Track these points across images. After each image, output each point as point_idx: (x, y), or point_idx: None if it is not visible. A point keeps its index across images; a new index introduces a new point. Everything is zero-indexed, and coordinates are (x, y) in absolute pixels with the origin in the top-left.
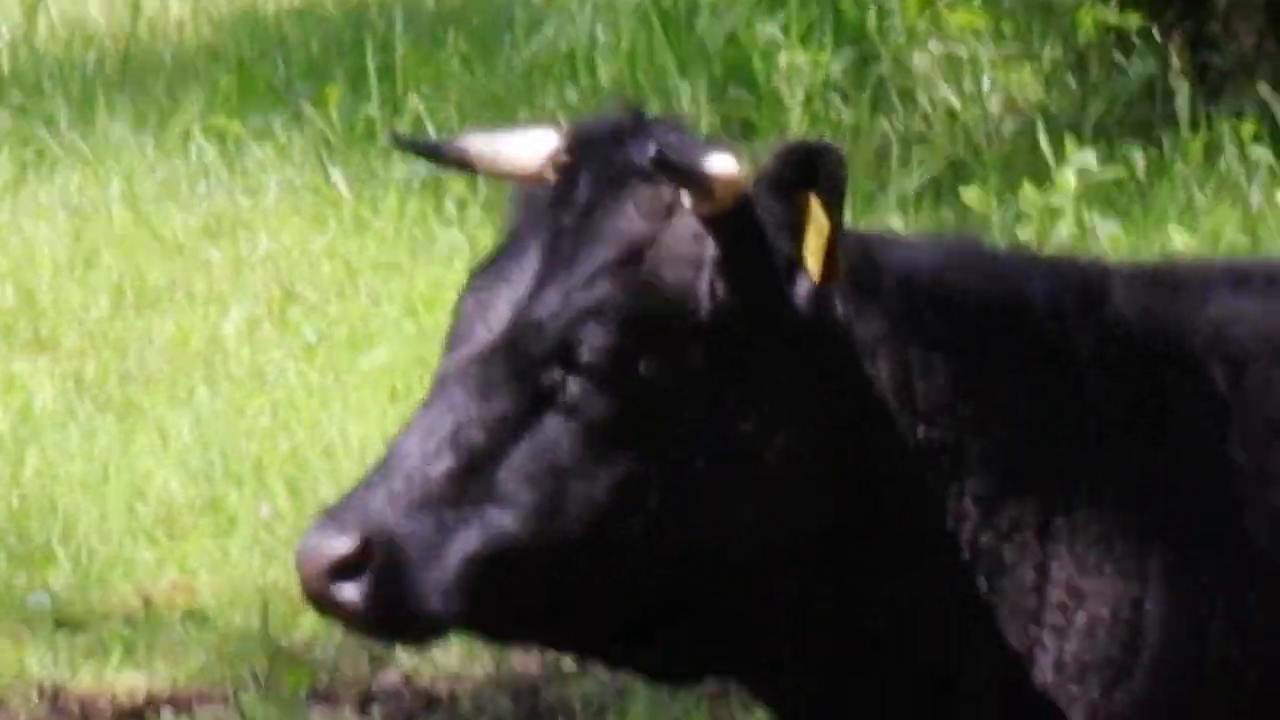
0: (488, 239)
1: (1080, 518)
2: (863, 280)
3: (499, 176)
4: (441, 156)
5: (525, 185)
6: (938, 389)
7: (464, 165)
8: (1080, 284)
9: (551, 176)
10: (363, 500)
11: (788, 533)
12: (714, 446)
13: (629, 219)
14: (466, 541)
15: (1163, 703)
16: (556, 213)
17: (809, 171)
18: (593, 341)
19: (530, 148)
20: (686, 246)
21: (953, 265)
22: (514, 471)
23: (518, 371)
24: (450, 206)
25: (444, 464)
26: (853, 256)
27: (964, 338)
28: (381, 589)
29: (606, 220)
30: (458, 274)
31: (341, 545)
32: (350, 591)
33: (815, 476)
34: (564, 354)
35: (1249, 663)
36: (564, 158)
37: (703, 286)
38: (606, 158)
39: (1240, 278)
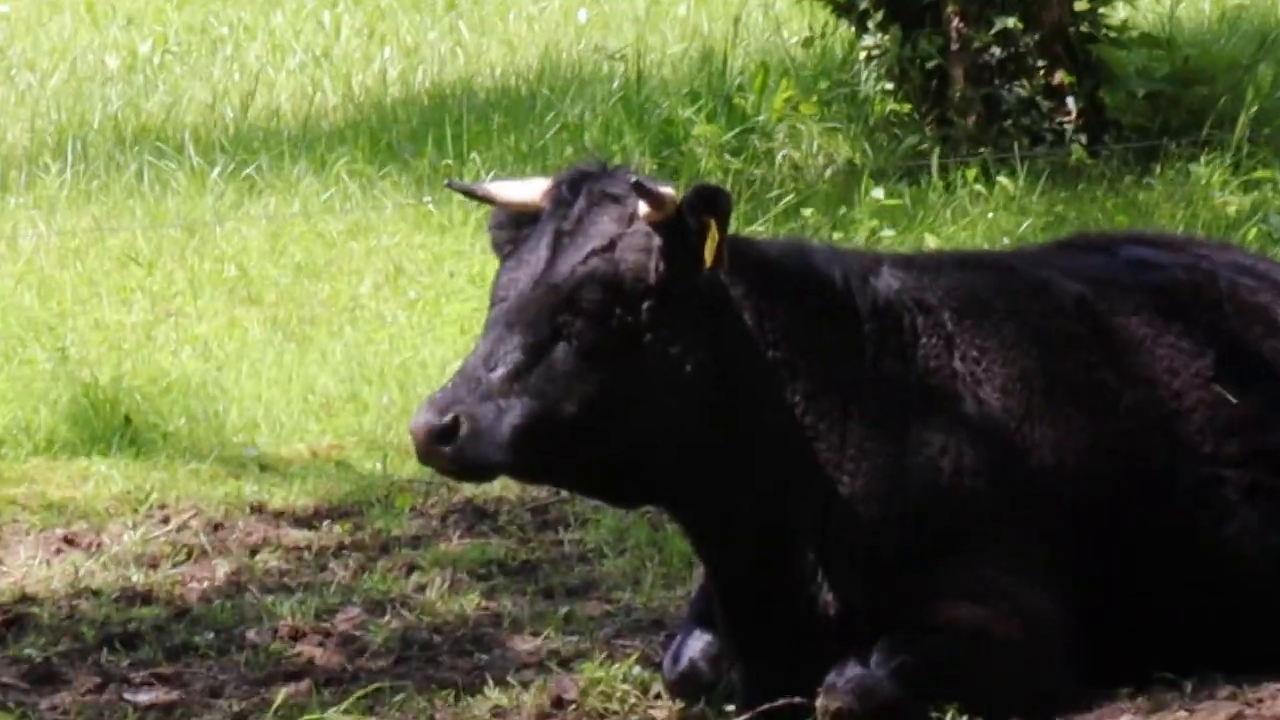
0: None
1: (865, 405)
2: (734, 264)
3: (507, 206)
4: (473, 196)
5: (520, 213)
6: (777, 327)
7: (489, 200)
8: (862, 265)
9: (546, 204)
10: (450, 394)
11: (696, 416)
12: (654, 363)
13: (606, 224)
14: (513, 418)
15: (918, 515)
16: (556, 223)
17: (710, 203)
18: (589, 296)
19: (529, 189)
20: (641, 241)
21: (786, 255)
22: (540, 376)
23: (542, 315)
24: None
25: (499, 371)
26: (730, 251)
27: (792, 297)
28: (465, 448)
29: (592, 225)
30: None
31: (441, 421)
32: (446, 449)
33: (712, 380)
34: (571, 305)
35: (968, 491)
36: (556, 193)
37: (652, 264)
38: (590, 190)
39: (963, 261)
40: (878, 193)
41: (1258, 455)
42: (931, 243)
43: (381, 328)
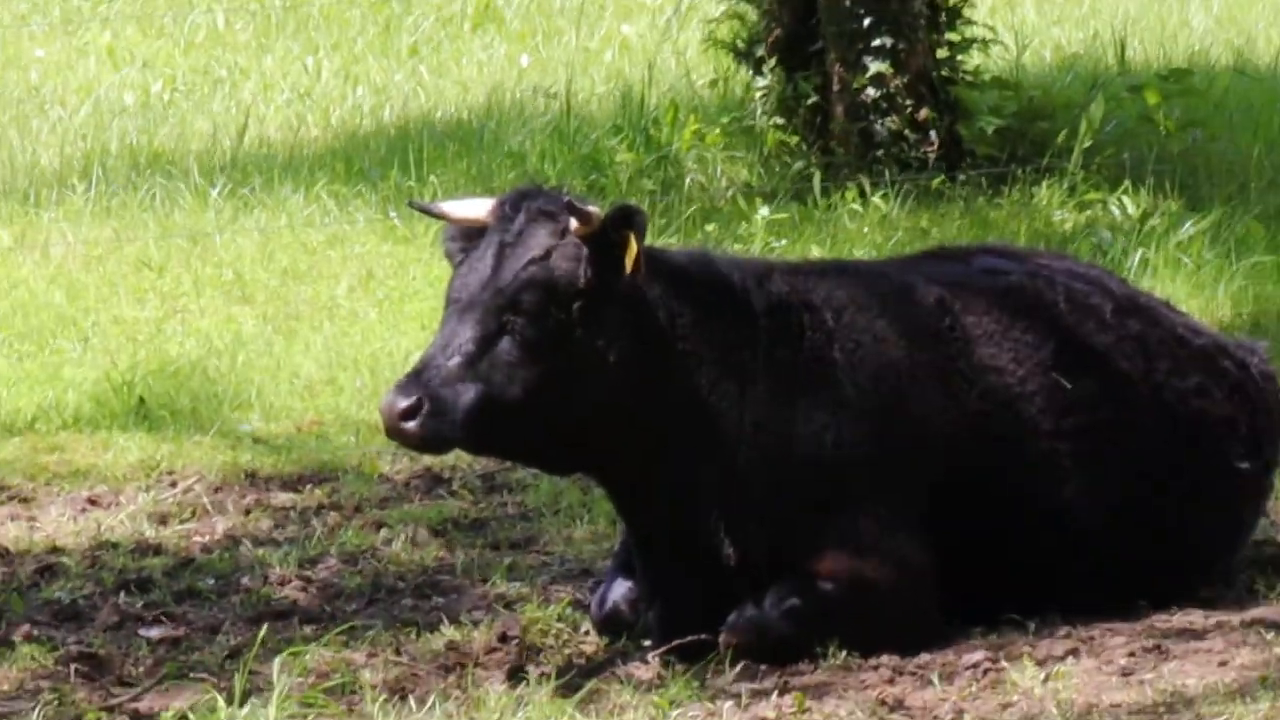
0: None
1: (760, 387)
2: (649, 270)
3: (459, 222)
4: (430, 213)
5: (470, 227)
6: (686, 323)
7: (444, 217)
8: (757, 271)
9: (492, 220)
10: (413, 379)
11: (618, 400)
12: (582, 353)
13: (542, 237)
14: (466, 400)
15: (805, 480)
16: (500, 236)
17: (629, 220)
18: (528, 298)
19: (478, 207)
20: (572, 251)
21: (693, 263)
22: (488, 365)
23: (489, 314)
24: None
25: (454, 361)
26: (646, 260)
27: (698, 298)
28: (425, 425)
29: (531, 238)
30: (450, 268)
31: (405, 402)
32: (410, 426)
33: (631, 370)
34: (514, 305)
35: (846, 460)
36: (500, 210)
37: (581, 271)
38: (527, 208)
39: (842, 269)
40: (764, 210)
41: (1089, 430)
42: (816, 253)
43: (355, 323)
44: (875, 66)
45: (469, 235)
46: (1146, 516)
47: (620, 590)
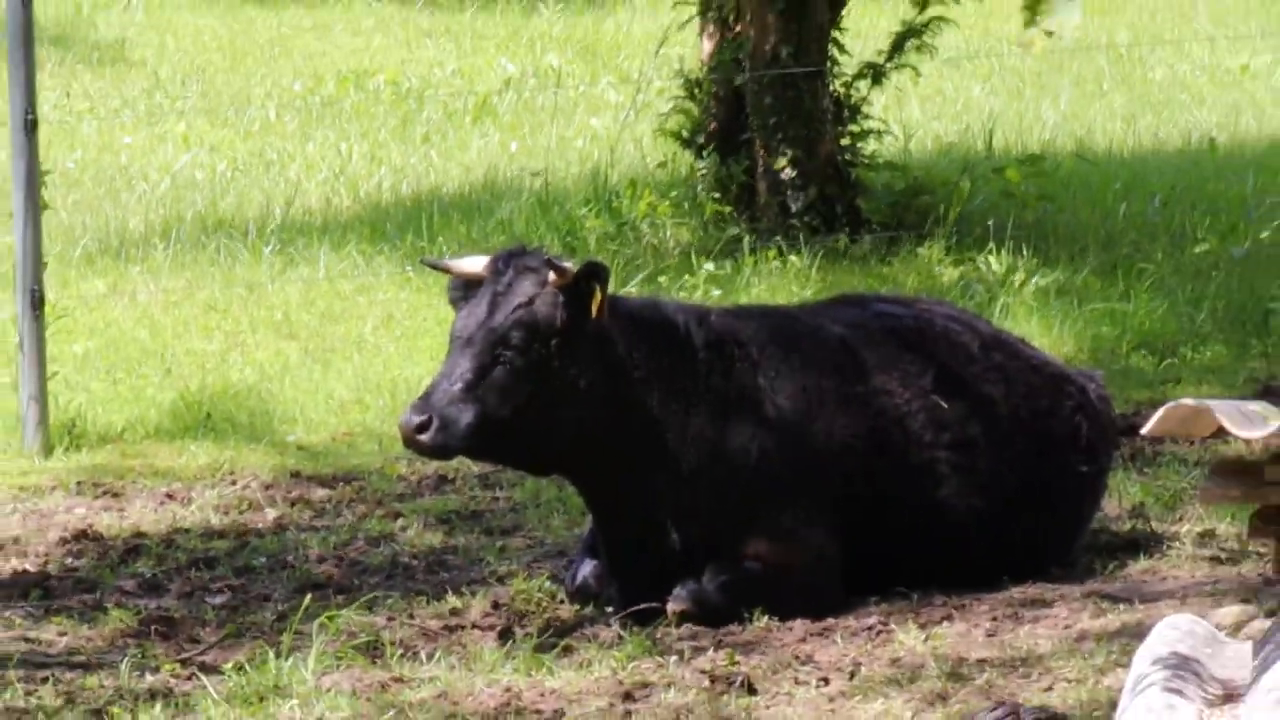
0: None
1: (700, 407)
2: (612, 314)
3: (461, 275)
4: (437, 268)
5: (470, 279)
6: (642, 355)
7: (449, 271)
8: (697, 313)
9: (486, 273)
10: (424, 401)
11: (587, 417)
12: (559, 380)
13: (527, 287)
14: (467, 418)
15: (735, 482)
16: (493, 287)
17: (596, 274)
18: (516, 335)
19: (476, 263)
20: (551, 298)
21: (646, 307)
22: (484, 389)
23: (485, 349)
24: None
25: (457, 386)
26: (609, 306)
27: (651, 336)
28: (435, 437)
29: (517, 288)
30: (453, 311)
31: (418, 419)
32: (422, 438)
33: (598, 393)
34: (504, 341)
35: (769, 466)
36: (494, 266)
37: (558, 315)
38: (515, 264)
39: (765, 312)
40: (708, 266)
41: (961, 443)
42: (744, 300)
43: (378, 355)
44: (791, 152)
45: (469, 285)
46: (1008, 512)
47: (588, 568)
